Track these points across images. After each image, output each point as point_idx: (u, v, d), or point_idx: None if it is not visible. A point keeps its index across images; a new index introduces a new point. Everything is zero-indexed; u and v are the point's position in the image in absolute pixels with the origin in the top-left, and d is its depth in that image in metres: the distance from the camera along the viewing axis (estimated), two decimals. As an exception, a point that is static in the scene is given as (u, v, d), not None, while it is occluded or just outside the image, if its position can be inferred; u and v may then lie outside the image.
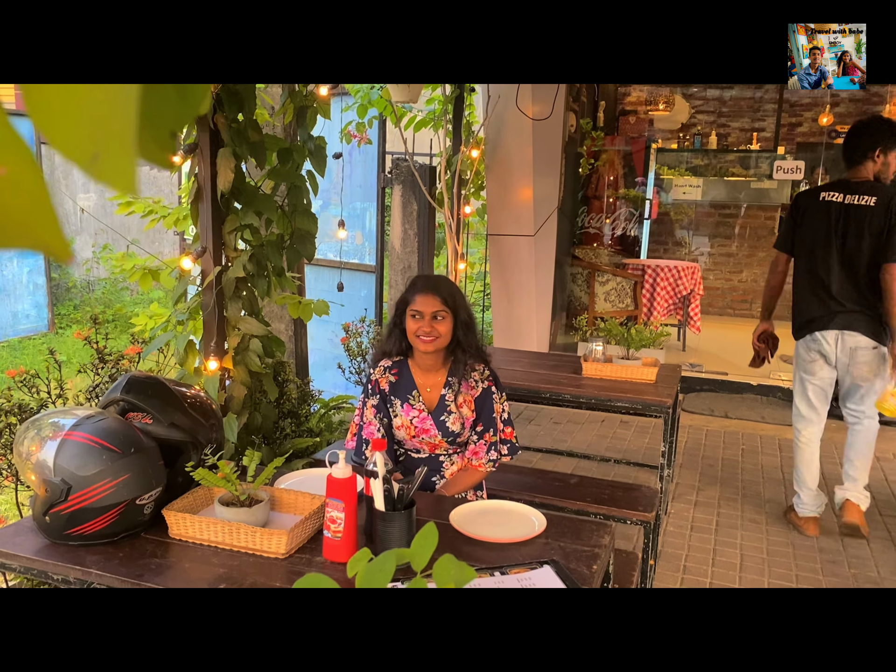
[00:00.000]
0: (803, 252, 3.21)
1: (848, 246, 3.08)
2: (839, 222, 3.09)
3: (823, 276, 3.13)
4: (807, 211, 3.18)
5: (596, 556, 1.65)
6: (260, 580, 1.52)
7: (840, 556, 3.22)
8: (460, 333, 2.19)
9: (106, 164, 0.21)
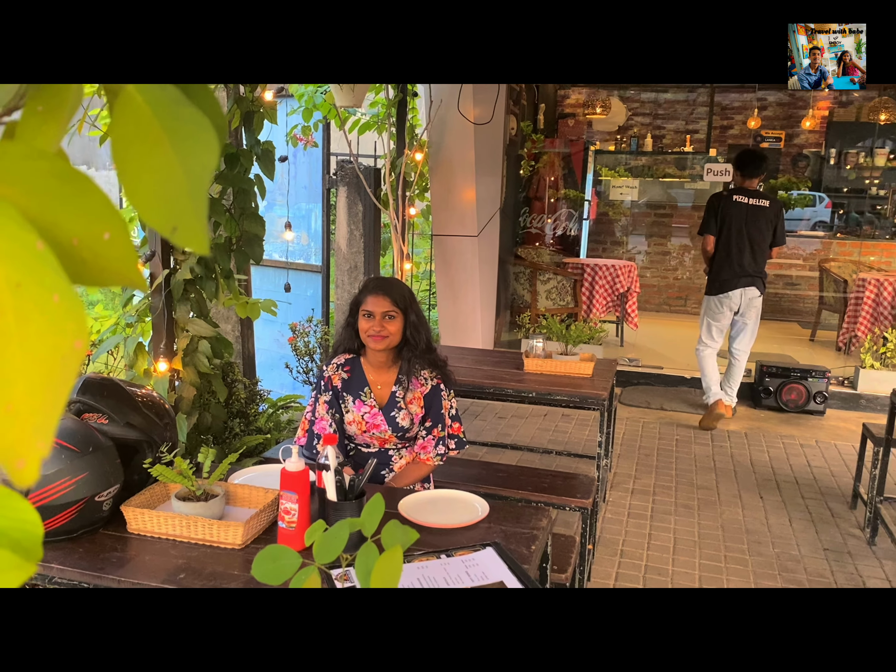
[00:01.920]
0: (723, 237, 4.61)
1: (751, 234, 4.57)
2: (746, 217, 4.56)
3: (735, 254, 4.58)
4: (725, 208, 4.58)
5: (534, 538, 1.78)
6: (218, 569, 1.59)
7: (765, 537, 3.44)
8: (410, 333, 2.30)
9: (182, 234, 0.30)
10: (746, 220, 4.53)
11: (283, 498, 1.69)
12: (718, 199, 4.65)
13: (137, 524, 1.73)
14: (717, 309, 4.71)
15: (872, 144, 8.46)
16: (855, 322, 6.36)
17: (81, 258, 0.29)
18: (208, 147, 0.32)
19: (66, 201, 0.29)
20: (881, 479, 3.47)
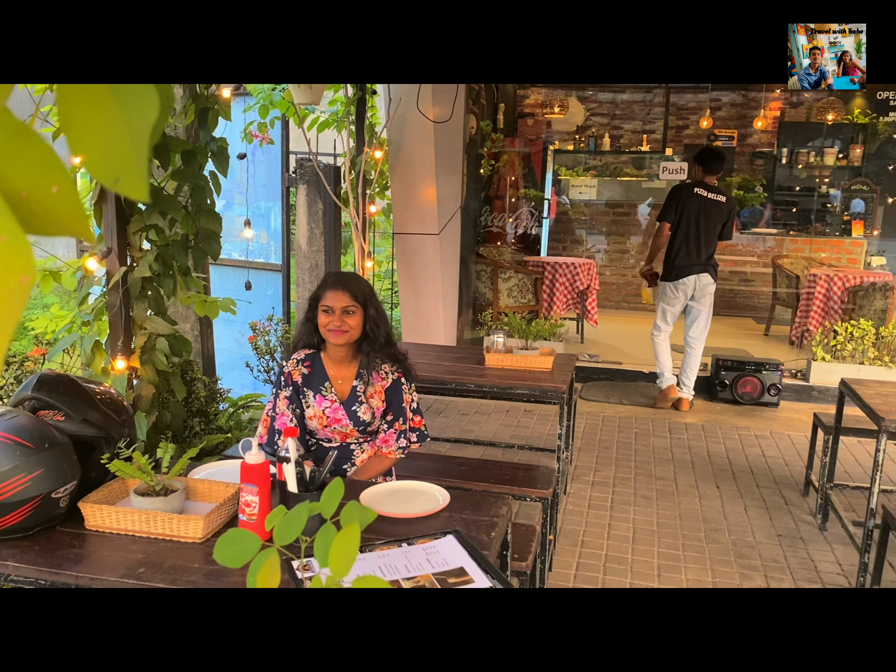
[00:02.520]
0: (682, 226, 4.85)
1: (706, 226, 4.84)
2: (703, 210, 4.83)
3: (692, 243, 4.85)
4: (686, 199, 4.83)
5: (494, 525, 1.80)
6: (179, 563, 1.59)
7: (722, 525, 3.52)
8: (370, 327, 2.31)
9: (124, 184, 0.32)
10: (704, 213, 4.80)
11: (244, 491, 1.69)
12: (680, 190, 4.91)
13: (96, 520, 1.71)
14: (673, 294, 4.95)
15: (822, 144, 8.70)
16: (807, 316, 6.54)
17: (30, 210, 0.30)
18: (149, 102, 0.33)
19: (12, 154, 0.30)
20: (831, 467, 3.58)
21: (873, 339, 5.52)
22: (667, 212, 4.90)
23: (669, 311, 5.01)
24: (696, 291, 4.93)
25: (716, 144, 8.96)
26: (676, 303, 4.98)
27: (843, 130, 8.65)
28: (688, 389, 5.20)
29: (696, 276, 4.88)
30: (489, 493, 2.66)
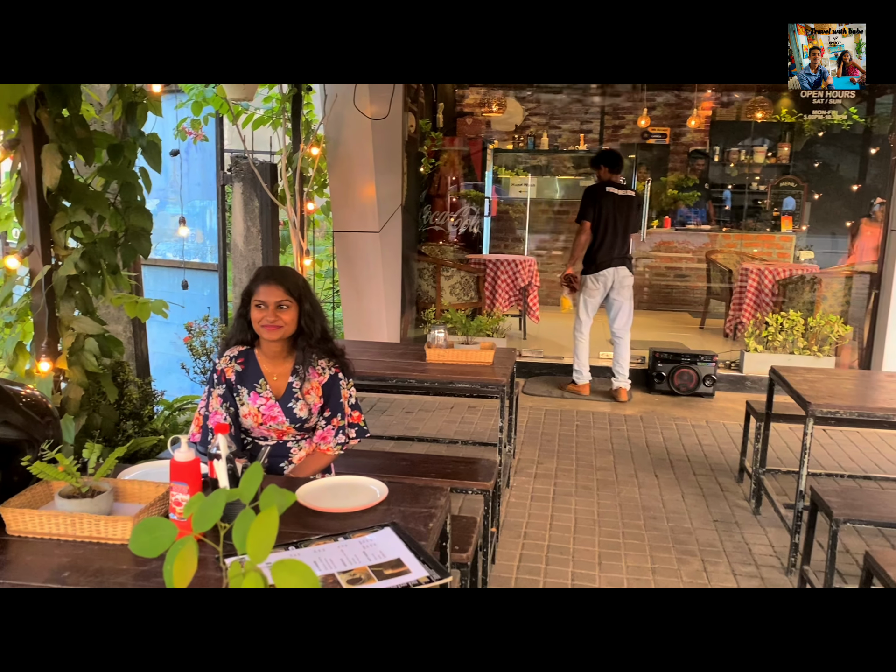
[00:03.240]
0: (600, 223, 5.12)
1: (622, 221, 5.14)
2: (617, 207, 5.13)
3: (610, 238, 5.13)
4: (601, 198, 5.12)
5: (432, 516, 1.80)
6: (106, 565, 1.54)
7: (660, 513, 3.60)
8: (305, 322, 2.28)
9: None
10: (618, 209, 5.12)
11: (174, 489, 1.65)
12: (595, 191, 5.19)
13: (18, 525, 1.65)
14: (594, 286, 5.22)
15: (752, 142, 8.97)
16: (740, 309, 6.74)
17: None
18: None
19: None
20: (763, 453, 3.69)
21: (802, 330, 5.72)
22: (585, 212, 5.16)
23: (590, 301, 5.27)
24: (615, 283, 5.20)
25: (649, 142, 9.19)
26: (596, 294, 5.24)
27: (772, 129, 8.94)
28: (623, 379, 5.38)
29: (615, 269, 5.17)
30: (429, 486, 2.66)
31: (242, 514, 0.85)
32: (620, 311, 5.26)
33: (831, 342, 5.67)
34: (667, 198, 9.11)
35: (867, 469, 4.19)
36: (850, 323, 5.91)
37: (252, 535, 0.79)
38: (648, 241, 8.41)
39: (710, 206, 8.88)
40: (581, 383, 5.48)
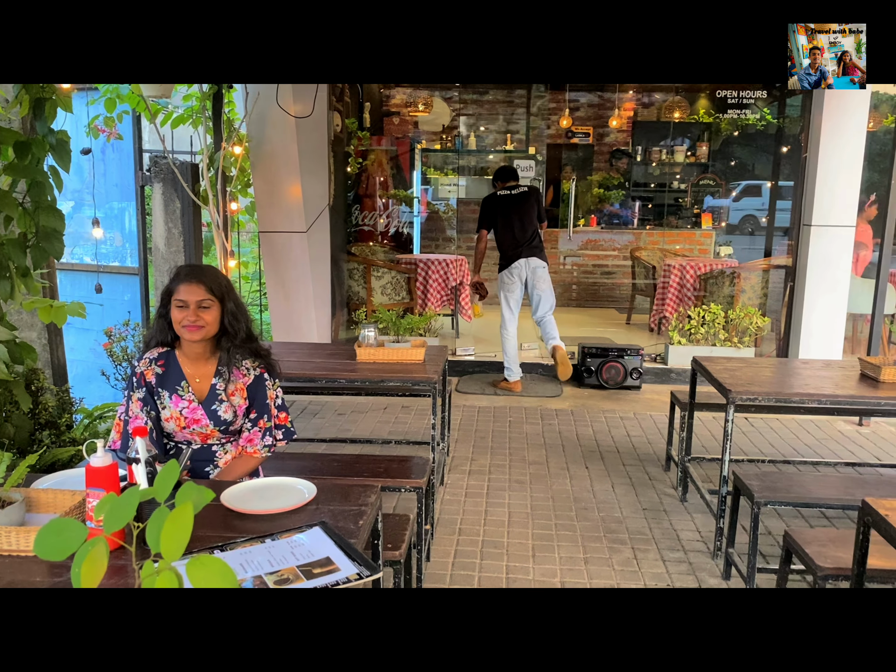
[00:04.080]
0: (503, 223, 5.37)
1: (521, 214, 5.37)
2: (513, 204, 5.38)
3: (516, 232, 5.35)
4: (496, 203, 5.43)
5: (362, 514, 1.78)
6: (19, 578, 1.47)
7: (591, 504, 3.66)
8: (228, 322, 2.23)
9: None
10: (514, 206, 5.37)
11: (91, 496, 1.59)
12: (489, 199, 5.51)
13: (-82, 542, 1.55)
14: (510, 280, 5.39)
15: (672, 142, 9.25)
16: (664, 304, 6.93)
17: None
18: None
19: None
20: (688, 441, 3.80)
21: (723, 322, 5.92)
22: (483, 220, 5.47)
23: (511, 297, 5.42)
24: (529, 274, 5.37)
25: (572, 141, 9.37)
26: (515, 288, 5.40)
27: (691, 129, 9.23)
28: (556, 339, 5.49)
29: (525, 260, 5.34)
30: (360, 485, 2.64)
31: (156, 512, 0.82)
32: (541, 301, 5.44)
33: (750, 333, 5.89)
34: (592, 197, 9.30)
35: (786, 454, 4.36)
36: (767, 314, 6.15)
37: (166, 533, 0.76)
38: (575, 239, 8.56)
39: (634, 205, 9.10)
40: (512, 380, 5.55)
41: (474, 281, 5.70)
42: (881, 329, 5.00)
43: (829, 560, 2.23)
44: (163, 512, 0.81)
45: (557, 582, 2.92)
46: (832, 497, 2.78)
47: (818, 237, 5.28)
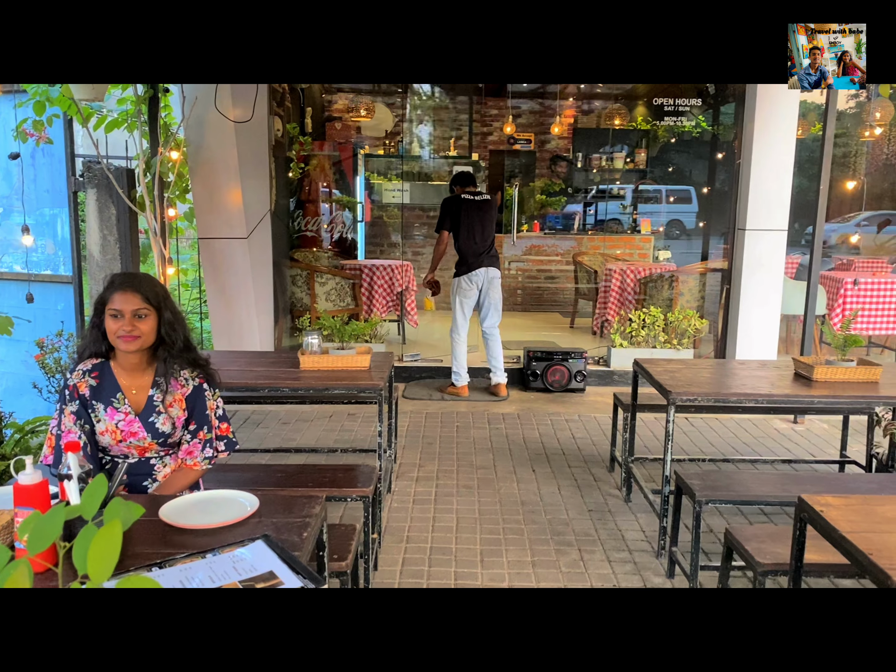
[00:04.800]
0: (463, 228, 5.36)
1: (483, 222, 5.40)
2: (477, 210, 5.39)
3: (477, 240, 5.37)
4: (459, 207, 5.38)
5: (307, 525, 1.75)
6: (-62, 606, 1.39)
7: (538, 506, 3.68)
8: (165, 331, 2.17)
9: None
10: (478, 213, 5.39)
11: (19, 516, 1.52)
12: (451, 200, 5.46)
13: None
14: (467, 286, 5.42)
15: (611, 148, 9.42)
16: (605, 307, 7.04)
17: None
18: None
19: None
20: (631, 442, 3.86)
21: (663, 325, 6.05)
22: (443, 221, 5.45)
23: (466, 303, 5.46)
24: (486, 283, 5.43)
25: (514, 148, 9.47)
26: (471, 294, 5.43)
27: (629, 136, 9.42)
28: (500, 374, 5.58)
29: (486, 269, 5.40)
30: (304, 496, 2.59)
31: (84, 531, 0.78)
32: (490, 312, 5.47)
33: (689, 335, 6.03)
34: (535, 202, 9.41)
35: (725, 452, 4.47)
36: (705, 316, 6.31)
37: (93, 552, 0.72)
38: (519, 244, 8.64)
39: (576, 210, 9.24)
40: (460, 385, 5.57)
41: (429, 279, 5.69)
42: (813, 329, 5.17)
43: (768, 556, 2.29)
44: (90, 530, 0.77)
45: (506, 586, 2.92)
46: (770, 494, 2.86)
47: (752, 241, 5.44)
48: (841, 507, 1.83)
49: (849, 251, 8.69)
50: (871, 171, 9.83)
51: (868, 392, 3.22)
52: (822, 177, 4.83)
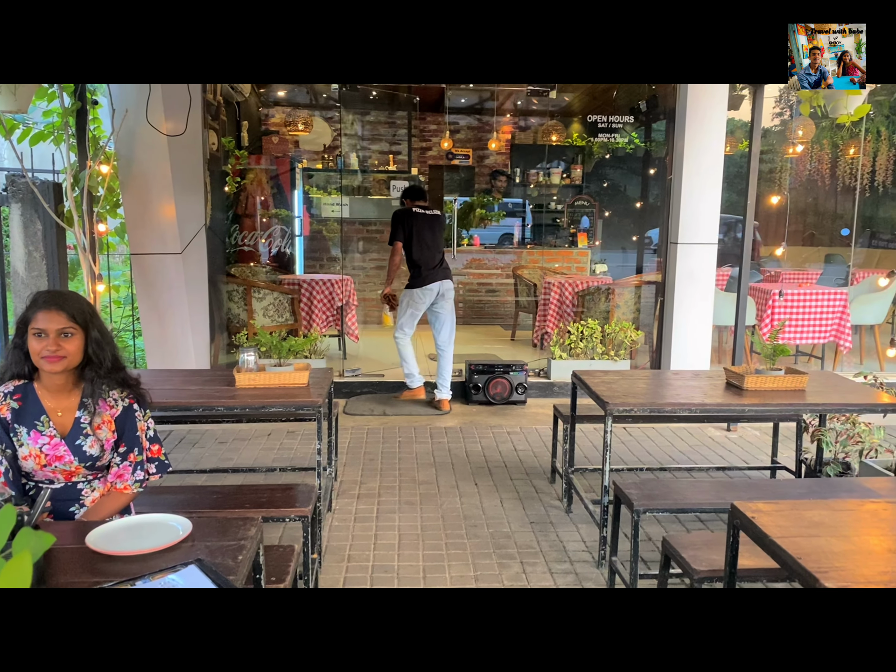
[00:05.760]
0: (417, 242, 5.41)
1: (434, 236, 5.49)
2: (428, 224, 5.47)
3: (428, 253, 5.43)
4: (412, 220, 5.43)
5: (242, 548, 1.71)
6: None
7: (481, 520, 3.68)
8: (93, 351, 2.09)
9: None
10: (429, 226, 5.48)
11: (-69, 549, 1.43)
12: (402, 213, 5.50)
13: None
14: (420, 299, 5.46)
15: (548, 164, 9.59)
16: (545, 320, 7.13)
17: None
18: None
19: None
20: (571, 453, 3.90)
21: (601, 337, 6.15)
22: (396, 233, 5.46)
23: (416, 313, 5.51)
24: (439, 296, 5.49)
25: (453, 163, 9.54)
26: (422, 306, 5.49)
27: (566, 152, 9.61)
28: (446, 391, 5.60)
29: (440, 282, 5.46)
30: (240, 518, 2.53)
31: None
32: (444, 325, 5.53)
33: (626, 346, 6.15)
34: (475, 217, 9.48)
35: (662, 461, 4.56)
36: (641, 328, 6.45)
37: (2, 586, 0.68)
38: (460, 258, 8.69)
39: (515, 225, 9.35)
40: (415, 387, 5.60)
41: (386, 293, 5.67)
42: (744, 340, 5.34)
43: (703, 563, 2.34)
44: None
45: (448, 602, 2.90)
46: (705, 501, 2.92)
47: (684, 254, 5.59)
48: (771, 513, 1.88)
49: (777, 264, 9.03)
50: (795, 186, 10.26)
51: (795, 400, 3.34)
52: (749, 192, 5.01)
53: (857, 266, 8.80)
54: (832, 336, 6.42)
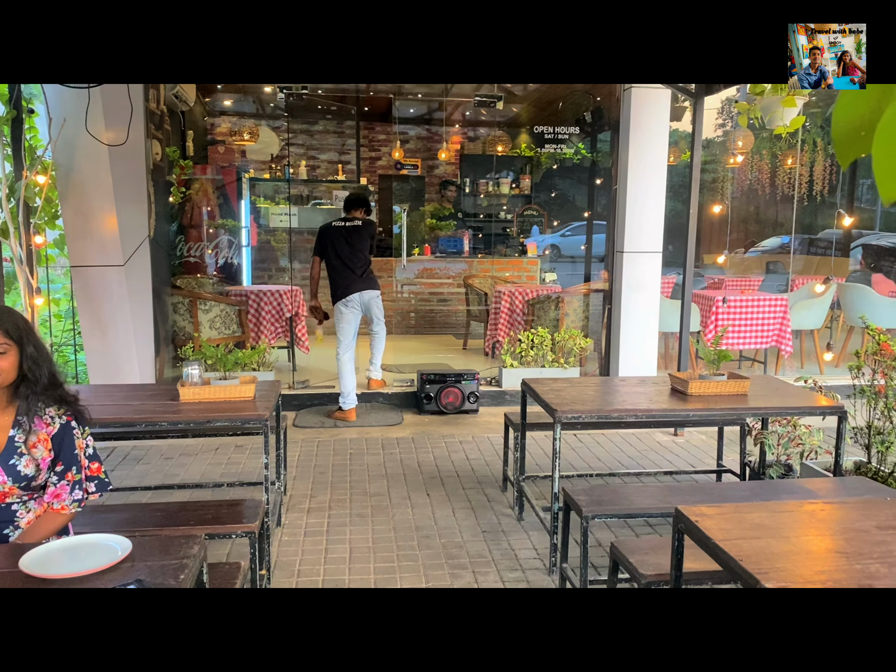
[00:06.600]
0: (333, 255, 5.54)
1: (351, 247, 5.55)
2: (345, 236, 5.56)
3: (348, 264, 5.53)
4: (329, 233, 5.59)
5: (184, 567, 1.66)
6: None
7: (433, 531, 3.67)
8: (28, 367, 2.02)
9: None
10: (346, 238, 5.57)
11: None
12: (323, 228, 5.68)
13: None
14: (344, 310, 5.55)
15: (497, 174, 9.67)
16: (496, 329, 7.17)
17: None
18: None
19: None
20: (522, 461, 3.91)
21: (550, 345, 6.21)
22: (315, 248, 5.66)
23: (348, 327, 5.56)
24: (363, 306, 5.60)
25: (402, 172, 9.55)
26: (351, 317, 5.55)
27: (514, 162, 9.71)
28: (376, 370, 5.97)
29: (359, 293, 5.53)
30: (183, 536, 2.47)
31: None
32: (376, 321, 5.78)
33: (575, 354, 6.22)
34: (425, 227, 9.50)
35: (611, 466, 4.62)
36: (589, 336, 6.53)
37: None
38: (410, 268, 8.68)
39: (465, 234, 9.39)
40: (347, 409, 5.56)
41: (312, 305, 5.76)
42: (689, 346, 5.45)
43: (650, 567, 2.37)
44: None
45: (400, 615, 2.88)
46: (653, 506, 2.96)
47: (630, 263, 5.69)
48: (715, 517, 1.91)
49: (720, 271, 9.26)
50: (737, 196, 10.54)
51: (738, 404, 3.42)
52: (692, 201, 5.13)
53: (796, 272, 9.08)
54: (774, 341, 6.61)
